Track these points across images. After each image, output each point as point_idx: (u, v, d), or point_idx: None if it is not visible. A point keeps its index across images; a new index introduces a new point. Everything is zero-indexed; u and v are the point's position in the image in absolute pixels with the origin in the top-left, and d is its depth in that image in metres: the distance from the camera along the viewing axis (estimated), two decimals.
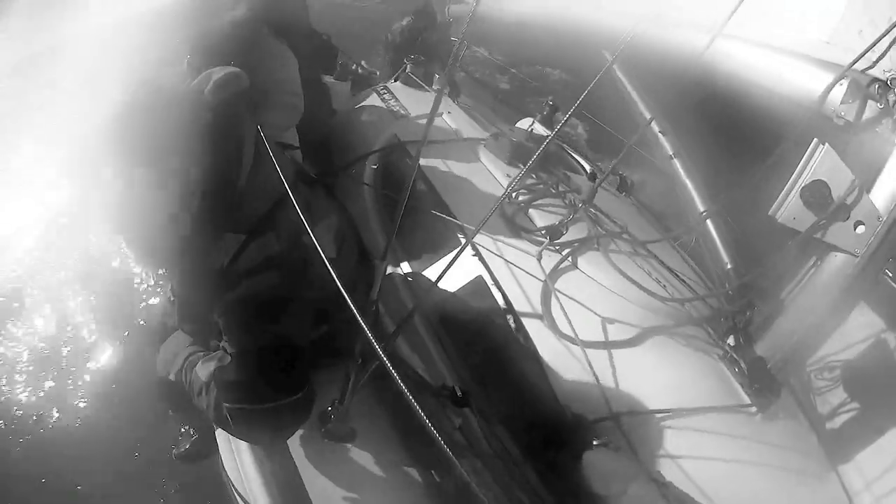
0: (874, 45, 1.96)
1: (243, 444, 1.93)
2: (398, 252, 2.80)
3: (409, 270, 2.71)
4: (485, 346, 2.37)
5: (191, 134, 1.39)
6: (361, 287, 1.62)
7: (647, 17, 1.30)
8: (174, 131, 1.37)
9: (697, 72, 2.36)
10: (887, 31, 1.93)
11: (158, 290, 3.93)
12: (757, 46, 2.50)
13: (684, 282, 2.50)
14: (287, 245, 1.54)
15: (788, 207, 1.91)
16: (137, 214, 1.39)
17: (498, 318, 2.36)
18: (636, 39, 1.74)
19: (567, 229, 2.54)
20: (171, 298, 2.07)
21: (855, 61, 2.00)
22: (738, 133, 2.61)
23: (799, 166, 1.89)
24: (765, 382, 1.98)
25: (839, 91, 2.06)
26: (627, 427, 1.97)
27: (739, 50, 2.57)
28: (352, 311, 1.09)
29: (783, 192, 1.92)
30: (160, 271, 1.81)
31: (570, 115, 1.74)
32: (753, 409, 1.98)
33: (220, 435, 2.08)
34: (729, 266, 2.42)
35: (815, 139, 1.88)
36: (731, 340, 2.16)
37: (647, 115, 2.91)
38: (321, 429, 1.79)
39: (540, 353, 2.21)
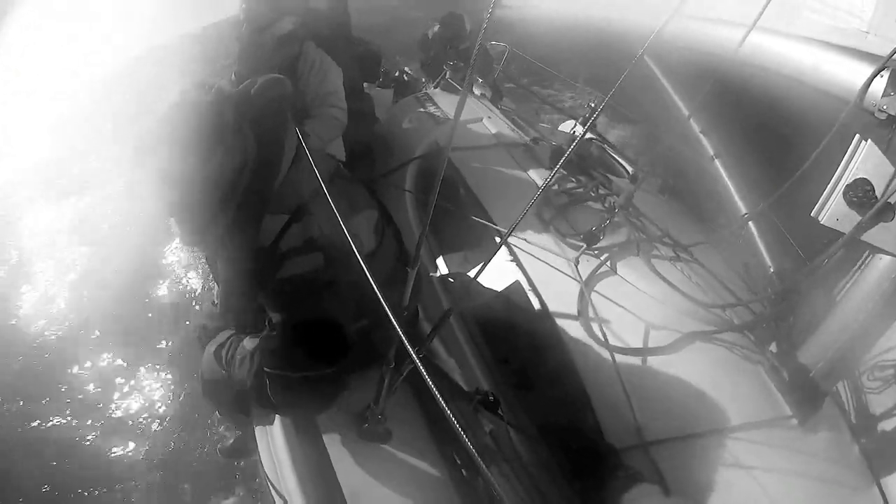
0: None
1: (280, 443, 2.00)
2: (437, 256, 2.82)
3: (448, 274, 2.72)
4: (520, 351, 2.37)
5: (237, 125, 1.55)
6: (400, 289, 1.67)
7: (676, 10, 1.28)
8: (222, 124, 1.53)
9: (733, 68, 2.29)
10: None
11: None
12: (792, 39, 2.41)
13: (726, 286, 2.43)
14: (329, 229, 1.63)
15: (832, 208, 1.82)
16: (187, 196, 1.55)
17: (534, 323, 2.35)
18: (671, 36, 1.70)
19: (603, 234, 2.51)
20: (215, 302, 2.16)
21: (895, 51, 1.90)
22: (776, 131, 2.52)
23: (841, 164, 1.80)
24: (807, 393, 1.90)
25: (880, 83, 1.96)
26: (663, 445, 1.94)
27: (774, 43, 2.48)
28: (386, 311, 1.13)
29: (825, 192, 1.83)
30: (206, 251, 1.99)
31: (600, 112, 1.72)
32: (794, 420, 1.90)
33: (259, 433, 2.15)
34: (772, 269, 2.33)
35: (857, 135, 1.79)
36: (773, 347, 2.08)
37: (686, 113, 2.84)
38: (357, 429, 1.85)
39: (575, 358, 2.19)
